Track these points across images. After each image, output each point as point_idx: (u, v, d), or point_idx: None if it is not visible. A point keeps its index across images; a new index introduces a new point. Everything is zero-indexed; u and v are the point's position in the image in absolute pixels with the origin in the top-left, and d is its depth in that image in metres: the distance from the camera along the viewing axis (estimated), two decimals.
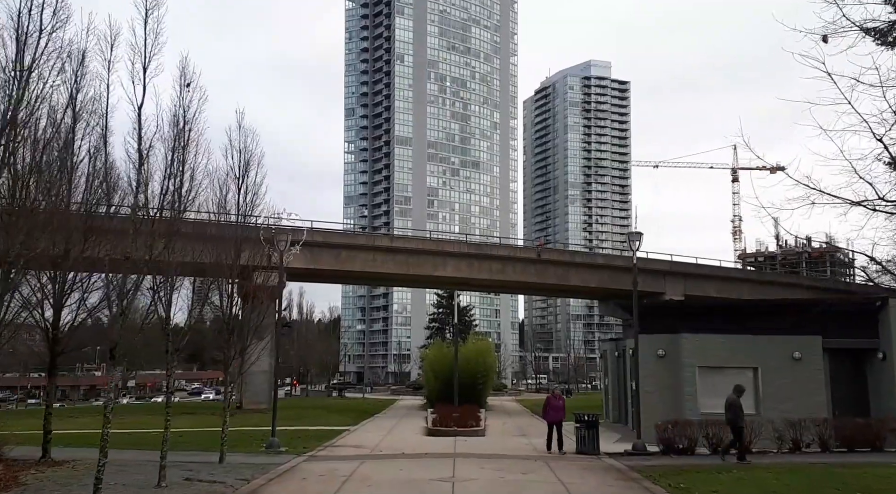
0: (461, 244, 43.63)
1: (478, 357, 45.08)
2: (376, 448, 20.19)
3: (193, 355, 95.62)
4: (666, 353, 22.78)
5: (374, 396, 75.90)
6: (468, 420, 26.32)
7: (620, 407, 29.45)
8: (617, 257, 45.75)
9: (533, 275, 44.09)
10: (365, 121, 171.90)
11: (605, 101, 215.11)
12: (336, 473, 14.37)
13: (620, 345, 29.77)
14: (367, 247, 40.69)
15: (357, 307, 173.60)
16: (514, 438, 23.81)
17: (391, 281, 45.27)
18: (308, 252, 39.70)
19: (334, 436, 23.92)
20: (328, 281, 44.51)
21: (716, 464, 16.02)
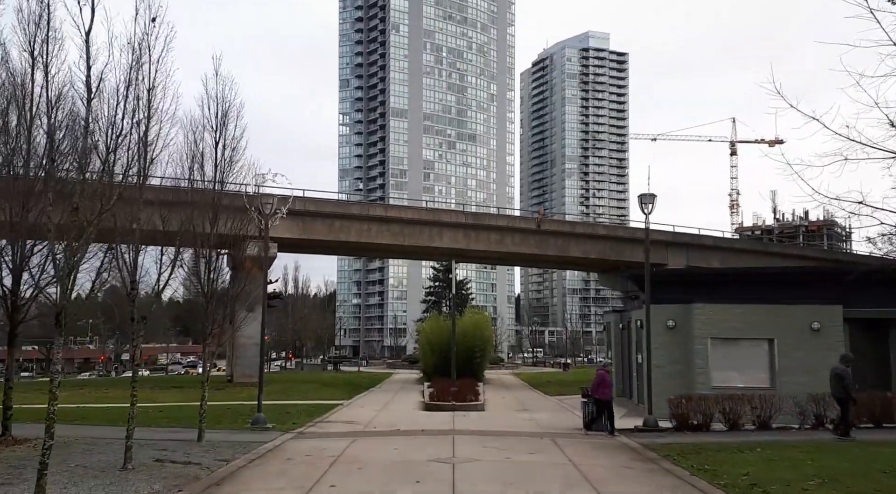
0: (458, 214, 42.16)
1: (475, 330, 43.98)
2: (370, 424, 18.97)
3: (187, 328, 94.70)
4: (676, 324, 21.54)
5: (370, 370, 74.97)
6: (466, 394, 25.16)
7: (625, 380, 28.32)
8: (618, 227, 44.38)
9: (532, 247, 42.74)
10: (360, 93, 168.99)
11: (603, 73, 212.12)
12: (324, 453, 13.11)
13: (625, 317, 28.56)
14: (361, 216, 39.21)
15: (353, 281, 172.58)
16: (516, 413, 22.63)
17: (386, 253, 43.93)
18: (300, 221, 38.25)
19: (326, 411, 22.72)
20: (321, 252, 43.15)
21: (736, 442, 14.82)
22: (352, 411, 23.41)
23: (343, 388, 36.14)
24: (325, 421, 19.76)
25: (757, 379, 20.85)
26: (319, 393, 31.48)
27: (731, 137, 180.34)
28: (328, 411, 22.95)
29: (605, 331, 30.62)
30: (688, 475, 10.92)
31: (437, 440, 15.05)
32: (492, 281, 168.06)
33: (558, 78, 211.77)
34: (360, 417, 20.85)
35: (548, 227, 42.96)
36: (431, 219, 40.57)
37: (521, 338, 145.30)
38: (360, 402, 27.87)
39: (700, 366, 20.68)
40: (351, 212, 38.79)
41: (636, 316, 25.26)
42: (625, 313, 29.07)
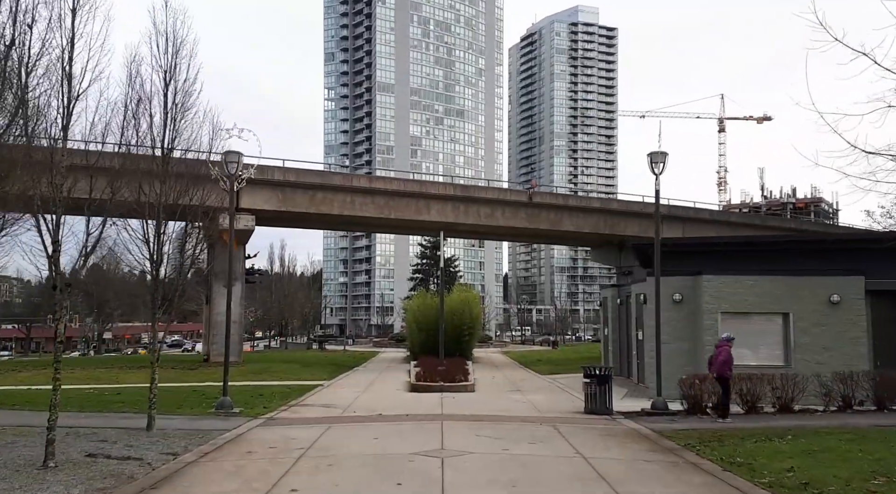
0: (446, 186, 40.17)
1: (463, 307, 42.26)
2: (349, 407, 17.18)
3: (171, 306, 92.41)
4: (683, 298, 19.85)
5: (356, 349, 73.39)
6: (455, 374, 23.44)
7: (623, 358, 26.74)
8: (612, 200, 42.65)
9: (524, 220, 40.92)
10: (345, 67, 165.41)
11: (592, 49, 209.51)
12: (292, 444, 11.29)
13: (623, 292, 26.89)
14: (345, 188, 37.14)
15: (339, 259, 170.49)
16: (509, 394, 20.94)
17: (370, 227, 41.98)
18: (279, 192, 36.14)
19: (303, 393, 20.93)
20: (302, 225, 41.09)
21: (760, 427, 13.19)
22: (332, 393, 21.63)
23: (325, 368, 34.41)
24: (301, 405, 17.95)
25: (771, 357, 19.28)
26: (299, 374, 29.71)
27: (720, 114, 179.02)
28: (306, 393, 21.16)
29: (601, 307, 28.97)
30: (719, 470, 9.22)
31: (423, 427, 13.29)
32: (479, 259, 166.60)
33: (547, 53, 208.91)
34: (339, 400, 19.08)
35: (540, 200, 41.12)
36: (418, 192, 38.59)
37: (509, 316, 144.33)
38: (342, 383, 26.11)
39: (710, 343, 19.01)
40: (333, 182, 36.72)
41: (637, 291, 23.58)
42: (623, 287, 27.39)
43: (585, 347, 75.84)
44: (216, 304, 36.60)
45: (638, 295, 23.29)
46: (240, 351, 37.21)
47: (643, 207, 43.68)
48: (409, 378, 25.20)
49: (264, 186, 35.77)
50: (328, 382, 26.27)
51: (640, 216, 43.70)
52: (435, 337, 38.91)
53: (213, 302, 36.79)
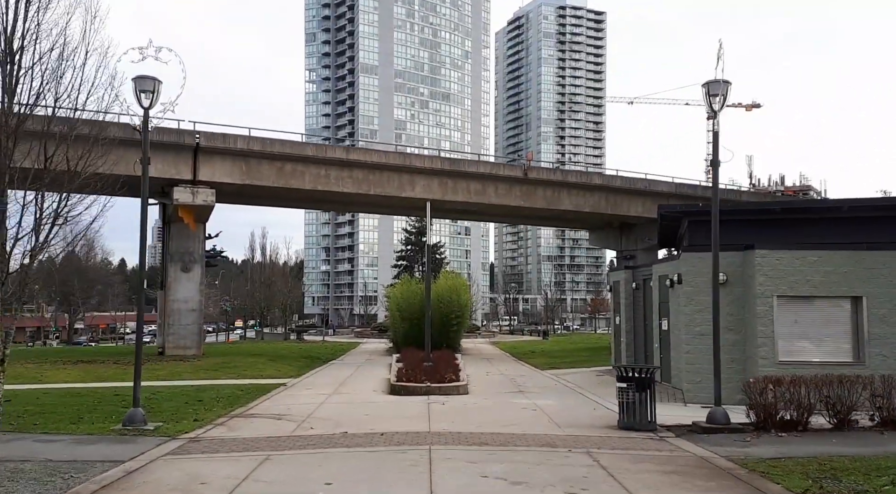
0: (433, 159, 36.06)
1: (451, 294, 38.35)
2: (307, 420, 13.15)
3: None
4: (728, 279, 15.96)
5: (336, 339, 69.48)
6: (444, 370, 19.46)
7: (639, 352, 22.94)
8: (616, 177, 38.79)
9: (518, 198, 36.97)
10: (327, 48, 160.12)
11: (580, 33, 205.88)
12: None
13: (640, 274, 23.02)
14: (318, 159, 32.93)
15: (321, 247, 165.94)
16: (512, 398, 16.99)
17: (348, 205, 37.87)
18: (242, 163, 31.87)
19: (258, 396, 16.91)
20: (269, 202, 36.87)
21: (880, 454, 9.39)
22: (293, 396, 17.60)
23: (296, 362, 30.37)
24: (246, 416, 13.88)
25: (837, 352, 15.56)
26: (263, 369, 25.64)
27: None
28: (260, 396, 17.13)
29: (611, 292, 25.10)
30: None
31: (402, 458, 9.30)
32: (466, 247, 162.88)
33: (534, 37, 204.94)
34: (299, 407, 15.04)
35: (536, 176, 37.16)
36: (402, 165, 34.47)
37: (496, 306, 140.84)
38: (310, 381, 22.07)
39: (764, 335, 15.22)
40: (305, 153, 32.49)
41: (661, 272, 19.70)
42: (640, 269, 23.49)
43: (580, 338, 72.25)
44: (173, 289, 32.41)
45: (663, 276, 19.42)
46: (199, 342, 33.04)
47: (648, 185, 39.93)
48: (390, 375, 21.17)
49: (225, 156, 31.52)
50: (294, 380, 22.24)
51: (645, 195, 39.96)
52: (420, 327, 35.00)
53: (169, 288, 32.57)
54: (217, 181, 31.19)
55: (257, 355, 33.07)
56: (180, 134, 30.42)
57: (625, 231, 43.38)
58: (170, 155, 30.50)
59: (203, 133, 30.90)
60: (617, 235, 43.83)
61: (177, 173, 30.55)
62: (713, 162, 12.96)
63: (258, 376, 23.35)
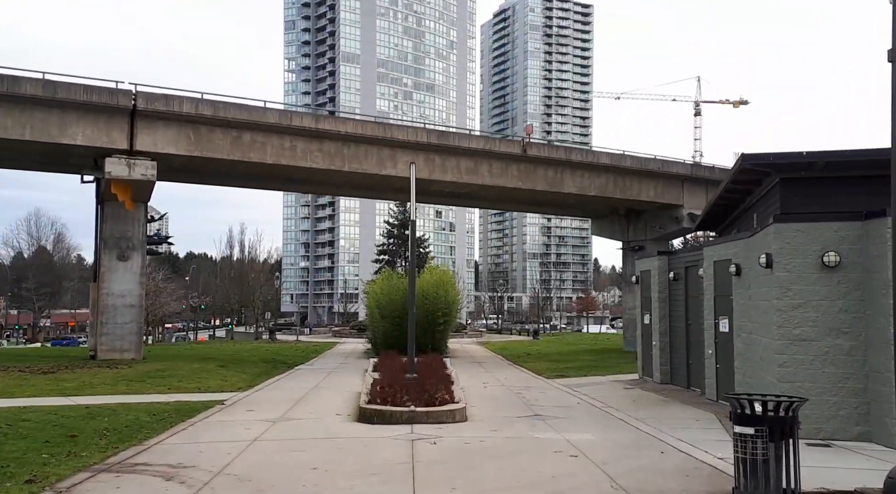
0: (418, 131, 31.04)
1: (437, 290, 33.66)
2: (212, 482, 8.23)
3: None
4: (841, 260, 11.24)
5: (312, 339, 64.56)
6: (433, 385, 14.47)
7: (677, 360, 18.28)
8: (625, 156, 34.15)
9: (515, 178, 32.18)
10: (307, 36, 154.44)
11: (567, 26, 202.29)
12: None
13: (681, 261, 18.31)
14: (282, 128, 27.88)
15: (300, 242, 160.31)
16: (529, 429, 12.02)
17: (318, 184, 32.59)
18: (190, 131, 26.75)
19: (170, 427, 11.96)
20: (224, 180, 31.57)
21: None
22: (224, 423, 12.63)
23: (254, 368, 25.42)
24: (121, 469, 8.82)
25: None
26: (207, 379, 20.66)
27: (696, 97, 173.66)
28: (177, 424, 12.19)
29: (637, 284, 20.36)
30: None
31: None
32: (450, 243, 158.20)
33: (520, 30, 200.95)
34: (217, 448, 10.08)
35: (536, 153, 32.38)
36: (381, 137, 29.50)
37: (481, 304, 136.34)
38: (261, 397, 17.11)
39: None
40: (266, 120, 27.42)
41: (720, 255, 14.97)
42: (678, 256, 18.75)
43: (572, 337, 67.69)
44: (107, 281, 27.26)
45: (722, 262, 14.72)
46: (139, 344, 27.91)
47: (661, 166, 35.33)
48: (363, 389, 16.20)
49: (169, 122, 26.38)
50: (240, 395, 17.30)
51: (657, 177, 35.37)
52: (402, 326, 30.38)
53: (102, 279, 27.39)
54: (159, 151, 26.06)
55: (209, 359, 28.00)
56: (113, 94, 25.27)
57: (632, 219, 38.79)
58: (101, 119, 25.35)
59: (142, 93, 25.77)
60: (623, 224, 39.22)
61: (109, 141, 25.40)
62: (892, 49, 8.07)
63: (196, 389, 18.36)
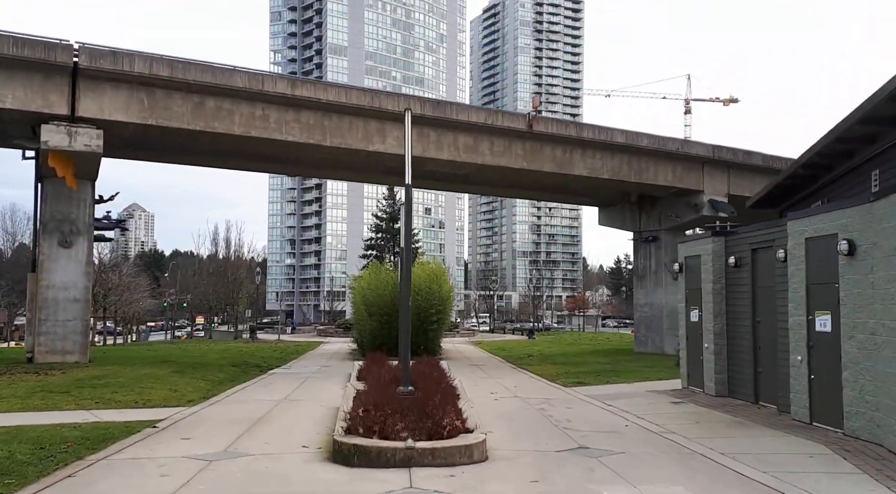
0: (411, 100, 27.16)
1: (430, 284, 29.94)
2: None
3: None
4: None
5: (294, 338, 60.56)
6: (435, 404, 10.57)
7: (737, 367, 14.60)
8: (641, 135, 30.53)
9: (520, 157, 28.44)
10: (293, 27, 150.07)
11: (557, 22, 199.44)
12: None
13: (745, 242, 14.59)
14: (252, 94, 23.96)
15: (286, 239, 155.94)
16: (586, 482, 8.23)
17: (295, 163, 28.54)
18: (143, 95, 22.75)
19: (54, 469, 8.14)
20: (184, 157, 27.32)
21: None
22: (132, 464, 8.75)
23: (219, 373, 21.57)
24: None
25: None
26: (153, 389, 16.78)
27: (686, 95, 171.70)
28: (68, 464, 8.36)
29: (679, 272, 16.63)
30: None
31: None
32: (440, 240, 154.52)
33: (510, 25, 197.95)
34: None
35: (544, 129, 28.65)
36: (368, 107, 25.64)
37: (470, 303, 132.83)
38: (206, 416, 13.22)
39: None
40: (234, 84, 23.47)
41: (817, 230, 11.29)
42: (740, 235, 15.00)
43: (570, 337, 63.88)
44: (47, 271, 23.28)
45: (816, 239, 11.05)
46: (85, 344, 23.88)
47: (681, 146, 31.75)
48: (344, 407, 12.28)
49: (119, 84, 22.38)
50: (185, 412, 13.47)
51: (676, 159, 31.78)
52: (391, 325, 26.75)
53: (42, 269, 23.38)
54: (107, 118, 22.07)
55: (167, 363, 24.04)
56: (50, 49, 21.27)
57: (644, 207, 35.17)
58: (36, 78, 21.35)
59: (86, 49, 21.77)
60: (634, 212, 35.60)
61: (46, 105, 21.41)
62: None
63: (132, 403, 14.50)
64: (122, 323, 65.76)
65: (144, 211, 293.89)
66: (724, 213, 32.18)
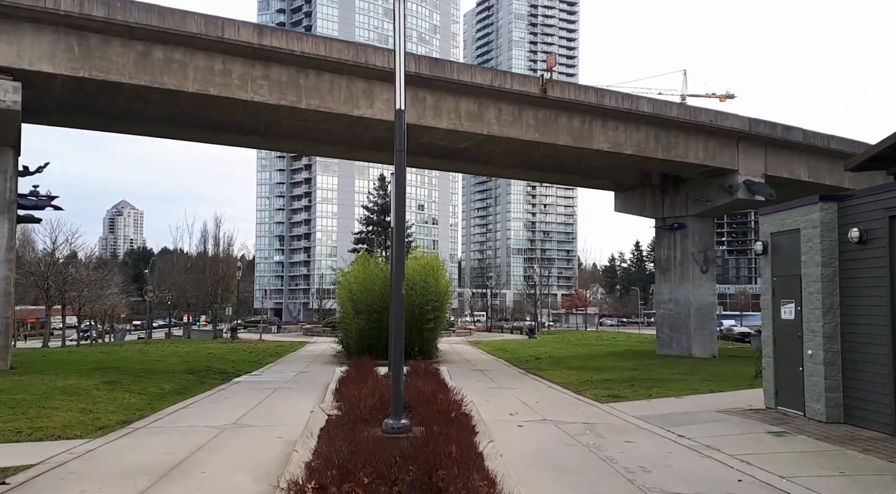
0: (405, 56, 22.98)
1: (426, 278, 25.81)
2: None
3: None
4: None
5: (280, 337, 56.41)
6: (448, 465, 6.44)
7: (862, 384, 10.44)
8: (672, 104, 26.48)
9: (531, 127, 24.25)
10: (282, 17, 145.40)
11: (552, 15, 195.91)
12: None
13: (864, 209, 10.43)
14: (210, 42, 19.63)
15: (274, 235, 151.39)
16: None
17: (264, 135, 24.18)
18: (75, 40, 18.38)
19: None
20: (128, 124, 22.64)
21: None
22: None
23: (165, 383, 17.37)
24: None
25: None
26: (60, 408, 12.63)
27: (682, 91, 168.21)
28: None
29: (762, 254, 12.38)
30: None
31: None
32: (433, 237, 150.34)
33: (504, 19, 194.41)
34: None
35: (559, 95, 24.47)
36: (353, 63, 21.35)
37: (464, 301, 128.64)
38: (106, 456, 8.97)
39: None
40: (186, 29, 19.13)
41: None
42: (863, 200, 10.83)
43: (573, 336, 59.44)
44: None
45: None
46: (3, 347, 19.53)
47: (715, 118, 27.64)
48: (295, 462, 7.97)
49: (42, 25, 18.00)
50: (79, 449, 9.30)
51: (710, 133, 27.70)
52: (380, 323, 22.77)
53: None
54: (27, 68, 17.72)
55: (106, 369, 19.70)
56: None
57: (668, 190, 31.08)
58: None
59: None
60: (656, 197, 31.51)
61: None
62: None
63: (12, 434, 10.32)
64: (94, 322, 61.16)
65: (133, 208, 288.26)
66: (761, 197, 28.17)
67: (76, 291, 45.96)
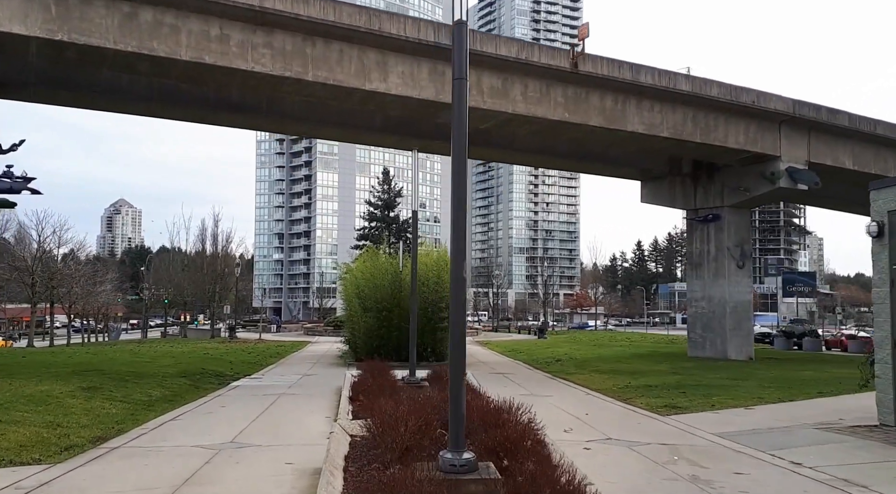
0: (422, 24, 20.58)
1: (439, 274, 23.58)
2: None
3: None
4: None
5: (280, 337, 54.36)
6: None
7: None
8: (710, 82, 24.20)
9: (560, 107, 22.03)
10: None
11: (556, 11, 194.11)
12: None
13: None
14: (205, 3, 17.31)
15: (274, 233, 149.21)
16: None
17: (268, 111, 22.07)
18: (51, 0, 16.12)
19: None
20: (112, 101, 20.10)
21: None
22: None
23: (154, 388, 15.20)
24: None
25: None
26: (26, 420, 10.37)
27: None
28: None
29: (878, 238, 10.10)
30: None
31: None
32: (435, 235, 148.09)
33: (507, 14, 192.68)
34: None
35: (591, 70, 22.22)
36: (365, 29, 19.11)
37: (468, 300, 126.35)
38: (79, 485, 6.78)
39: None
40: None
41: None
42: None
43: (584, 336, 57.20)
44: None
45: None
46: None
47: (757, 99, 25.40)
48: (335, 482, 5.84)
49: None
50: (31, 481, 6.99)
51: (751, 116, 25.49)
52: (390, 322, 20.73)
53: None
54: None
55: (87, 373, 17.46)
56: None
57: (700, 179, 28.88)
58: None
59: None
60: (687, 186, 29.31)
61: None
62: None
63: None
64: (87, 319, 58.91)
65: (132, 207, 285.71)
66: (804, 186, 25.99)
67: (65, 287, 43.67)
